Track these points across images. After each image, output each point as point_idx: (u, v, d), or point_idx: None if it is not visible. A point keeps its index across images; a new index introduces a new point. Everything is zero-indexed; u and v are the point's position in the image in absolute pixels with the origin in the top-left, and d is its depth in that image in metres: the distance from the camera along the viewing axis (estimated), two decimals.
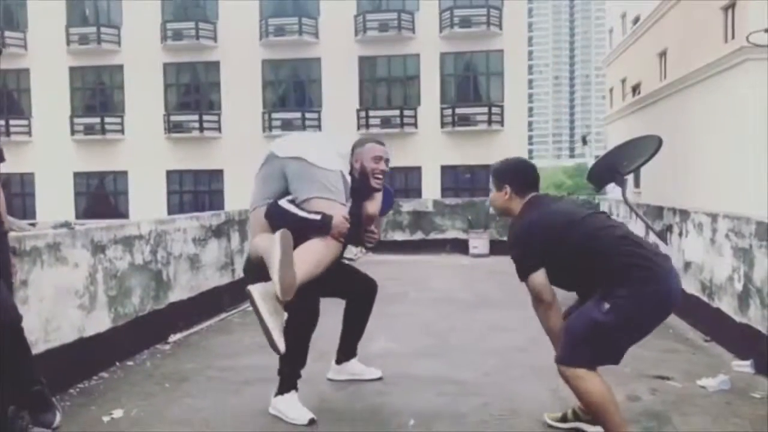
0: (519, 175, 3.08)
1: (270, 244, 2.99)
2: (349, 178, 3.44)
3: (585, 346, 2.77)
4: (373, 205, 3.62)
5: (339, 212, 3.22)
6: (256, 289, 2.93)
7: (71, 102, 23.46)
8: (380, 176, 3.61)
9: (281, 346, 2.95)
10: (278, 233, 2.96)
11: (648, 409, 3.48)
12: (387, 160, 3.66)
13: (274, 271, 2.91)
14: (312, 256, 3.13)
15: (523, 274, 2.95)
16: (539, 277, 2.89)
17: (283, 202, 3.28)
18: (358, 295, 3.84)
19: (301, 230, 3.15)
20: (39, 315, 3.64)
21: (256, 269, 3.17)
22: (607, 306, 2.71)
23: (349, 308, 3.88)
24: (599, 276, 2.80)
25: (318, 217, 3.18)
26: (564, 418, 3.24)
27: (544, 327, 3.02)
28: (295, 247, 3.06)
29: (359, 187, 3.55)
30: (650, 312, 2.80)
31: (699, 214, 5.42)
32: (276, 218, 3.26)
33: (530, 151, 41.73)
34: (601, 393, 2.75)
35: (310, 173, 3.25)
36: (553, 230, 2.86)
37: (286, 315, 3.01)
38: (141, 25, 22.65)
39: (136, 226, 4.80)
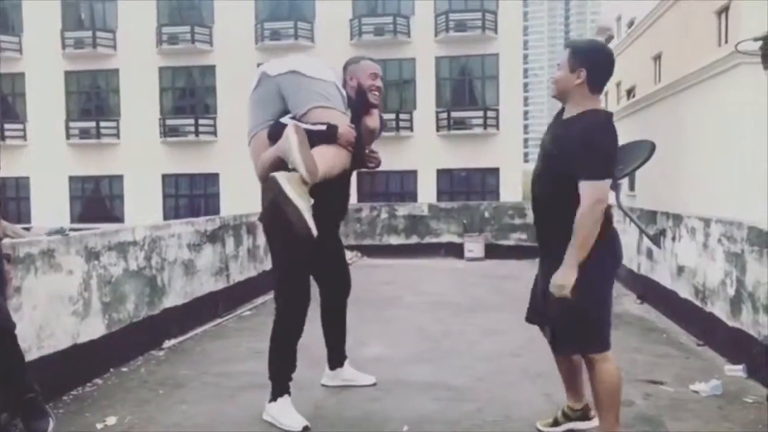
0: (603, 65, 2.78)
1: (282, 141, 2.94)
2: (344, 91, 3.41)
3: (601, 324, 2.84)
4: (372, 120, 3.55)
5: (343, 121, 3.19)
6: (281, 175, 2.88)
7: (66, 106, 23.39)
8: (376, 92, 3.56)
9: (313, 227, 2.88)
10: (289, 127, 2.92)
11: (641, 414, 3.49)
12: (381, 77, 3.63)
13: (295, 156, 2.85)
14: (329, 156, 3.08)
15: (604, 173, 2.70)
16: (606, 187, 2.73)
17: (285, 120, 3.23)
18: (333, 286, 3.80)
19: (309, 143, 3.08)
20: (32, 322, 3.64)
21: (271, 207, 3.03)
22: (599, 279, 2.79)
23: (324, 309, 3.85)
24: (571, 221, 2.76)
25: (323, 127, 3.13)
26: (556, 423, 3.25)
27: (587, 233, 2.69)
28: None
29: (355, 105, 3.50)
30: (617, 266, 2.96)
31: (692, 219, 5.45)
32: (279, 137, 3.12)
33: (526, 155, 41.71)
34: (619, 376, 2.86)
35: (306, 84, 3.22)
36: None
37: (312, 200, 2.92)
38: (136, 28, 22.62)
39: (130, 231, 4.80)
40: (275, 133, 3.21)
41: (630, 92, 25.88)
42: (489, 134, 21.54)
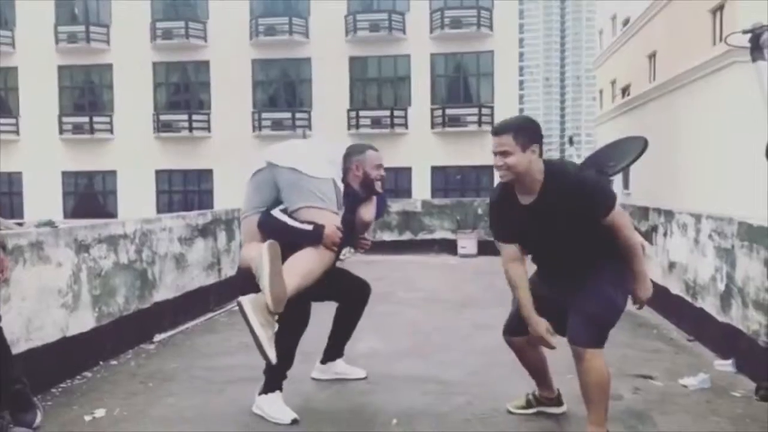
0: (540, 134, 2.87)
1: (258, 256, 2.96)
2: (341, 185, 3.43)
3: (607, 329, 2.95)
4: (368, 212, 3.64)
5: (331, 222, 3.20)
6: (247, 301, 2.91)
7: (60, 101, 23.31)
8: (380, 182, 3.64)
9: (272, 357, 2.94)
10: (265, 244, 2.94)
11: (630, 408, 3.50)
12: (384, 167, 3.71)
13: (264, 284, 2.89)
14: (303, 267, 3.11)
15: (611, 209, 2.80)
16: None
17: (276, 212, 3.27)
18: (352, 299, 3.85)
19: (293, 240, 3.15)
20: (21, 314, 3.62)
21: (249, 276, 3.13)
22: (620, 290, 2.92)
23: (341, 310, 3.89)
24: (595, 253, 2.89)
25: (310, 227, 3.16)
26: (528, 404, 3.38)
27: (632, 242, 2.88)
28: (288, 256, 3.06)
29: (353, 193, 3.56)
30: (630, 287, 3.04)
31: (683, 215, 5.46)
32: (268, 228, 3.26)
33: None
34: (608, 372, 2.91)
35: (302, 182, 3.24)
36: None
37: (277, 326, 3.00)
38: (130, 23, 22.54)
39: (120, 225, 4.79)
40: (264, 224, 3.29)
41: (625, 90, 25.95)
42: (484, 131, 21.51)
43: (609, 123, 27.17)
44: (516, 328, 3.21)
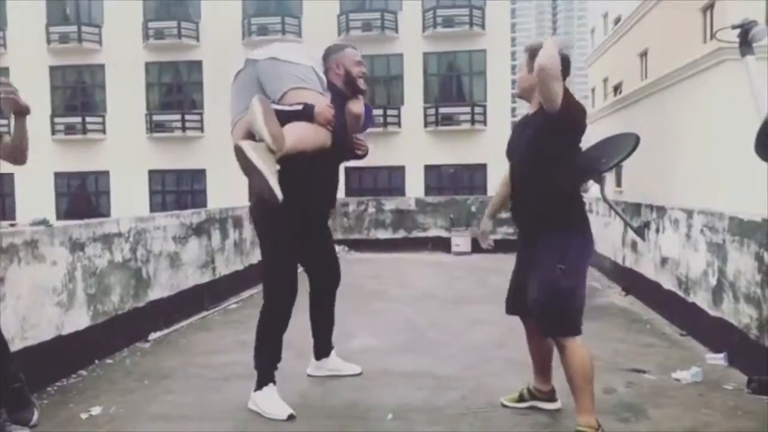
0: (566, 63, 2.98)
1: (248, 113, 2.98)
2: (323, 76, 3.44)
3: (570, 312, 2.95)
4: (356, 105, 3.58)
5: (320, 100, 3.20)
6: (246, 143, 2.92)
7: (51, 101, 23.18)
8: (362, 78, 3.60)
9: (278, 192, 2.91)
10: (254, 98, 2.95)
11: (623, 401, 3.53)
12: (364, 65, 3.68)
13: (260, 124, 2.89)
14: (299, 129, 3.09)
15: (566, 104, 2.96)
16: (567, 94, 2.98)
17: None
18: (322, 276, 3.83)
19: (286, 123, 3.09)
20: (16, 312, 3.62)
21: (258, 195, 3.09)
22: (562, 268, 2.92)
23: (313, 300, 3.88)
24: (561, 206, 3.02)
25: (300, 107, 3.15)
26: (521, 398, 3.41)
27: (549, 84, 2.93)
28: None
29: (338, 92, 3.52)
30: (589, 255, 3.13)
31: (675, 210, 5.50)
32: None
33: None
34: (591, 361, 2.93)
35: (283, 68, 3.26)
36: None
37: (278, 167, 2.94)
38: (122, 23, 22.44)
39: (115, 223, 4.79)
40: None
41: (617, 89, 26.05)
42: (476, 130, 21.60)
43: (601, 121, 27.26)
44: (515, 307, 3.28)
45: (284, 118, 3.09)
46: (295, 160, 3.07)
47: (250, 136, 3.09)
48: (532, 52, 3.03)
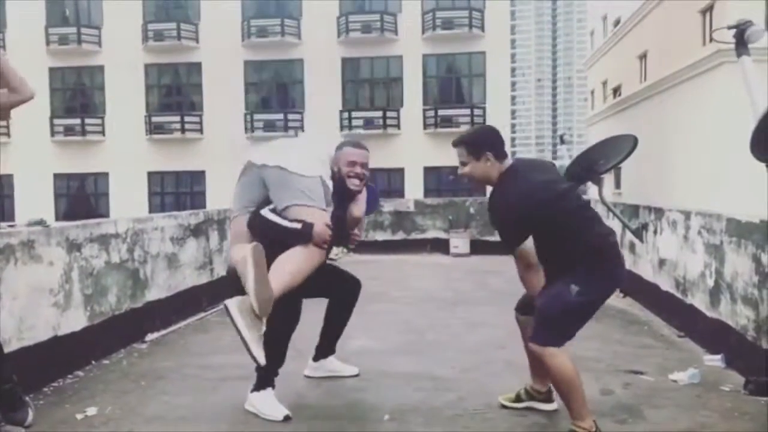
0: (498, 140, 3.05)
1: (242, 260, 2.95)
2: (330, 183, 3.43)
3: (559, 327, 2.93)
4: (357, 209, 3.64)
5: (320, 219, 3.19)
6: (233, 303, 2.90)
7: (51, 103, 23.19)
8: (355, 179, 3.59)
9: (261, 359, 2.93)
10: (249, 248, 2.92)
11: (620, 403, 3.52)
12: (363, 164, 3.63)
13: (249, 288, 2.88)
14: (293, 266, 3.11)
15: (514, 244, 2.94)
16: (528, 244, 2.93)
17: (265, 212, 3.27)
18: (342, 295, 3.86)
19: (283, 239, 3.15)
20: (12, 313, 3.61)
21: (237, 278, 3.12)
22: (576, 289, 2.86)
23: (331, 307, 3.90)
24: (566, 252, 2.93)
25: (299, 225, 3.16)
26: (518, 398, 3.41)
27: (529, 289, 3.09)
28: (278, 254, 3.07)
29: (341, 190, 3.55)
30: (606, 292, 3.03)
31: (673, 212, 5.50)
32: (258, 228, 3.26)
33: (513, 153, 41.88)
34: (572, 368, 2.89)
35: (289, 181, 3.23)
36: (539, 203, 2.91)
37: (264, 328, 2.99)
38: (122, 25, 22.47)
39: (112, 224, 4.78)
40: (254, 224, 3.29)
41: (616, 91, 26.07)
42: None
43: (600, 123, 27.29)
44: (524, 307, 3.28)
45: (281, 233, 3.15)
46: None
47: (246, 233, 3.25)
48: (468, 142, 3.07)
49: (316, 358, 4.00)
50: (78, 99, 23.87)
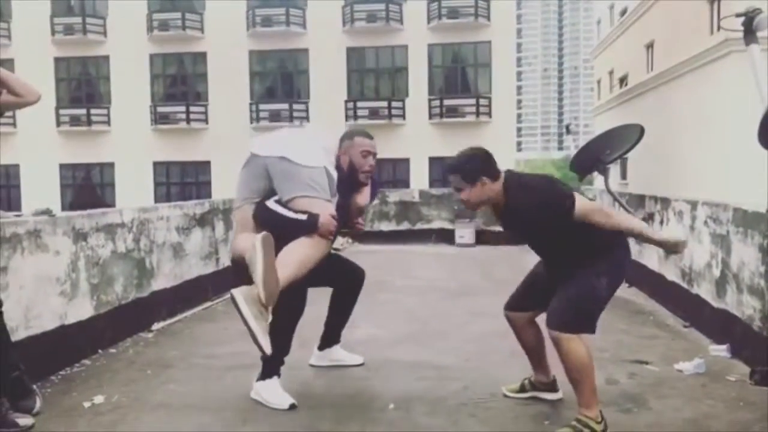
0: (488, 161, 3.03)
1: (251, 249, 2.94)
2: (334, 173, 3.41)
3: (588, 316, 2.97)
4: (362, 198, 3.64)
5: (325, 210, 3.19)
6: (240, 293, 2.89)
7: (56, 93, 23.23)
8: (368, 172, 3.60)
9: (267, 348, 2.93)
10: (259, 237, 2.91)
11: (625, 392, 3.53)
12: (375, 155, 3.64)
13: (257, 278, 2.87)
14: (298, 257, 3.10)
15: (572, 209, 2.86)
16: (583, 199, 2.90)
17: (270, 203, 3.26)
18: (346, 284, 3.87)
19: (289, 230, 3.15)
20: (19, 302, 3.63)
21: (242, 267, 3.12)
22: (605, 281, 2.94)
23: (335, 296, 3.91)
24: (584, 247, 2.96)
25: (304, 217, 3.15)
26: (522, 389, 3.42)
27: (623, 227, 2.96)
28: (283, 245, 3.07)
29: (346, 179, 3.54)
30: (622, 279, 3.12)
31: (679, 202, 5.48)
32: (263, 219, 3.26)
33: (519, 143, 41.87)
34: (587, 355, 2.92)
35: (293, 172, 3.22)
36: (561, 191, 2.93)
37: (271, 317, 2.98)
38: (127, 15, 22.46)
39: (118, 213, 4.80)
40: (259, 215, 3.30)
41: (622, 81, 25.93)
42: (481, 122, 21.56)
43: (607, 113, 27.16)
44: (518, 304, 3.32)
45: (287, 224, 3.14)
46: None
47: (250, 223, 3.26)
48: (462, 169, 3.01)
49: (321, 347, 4.02)
50: (83, 89, 23.90)
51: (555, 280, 3.08)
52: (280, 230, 3.08)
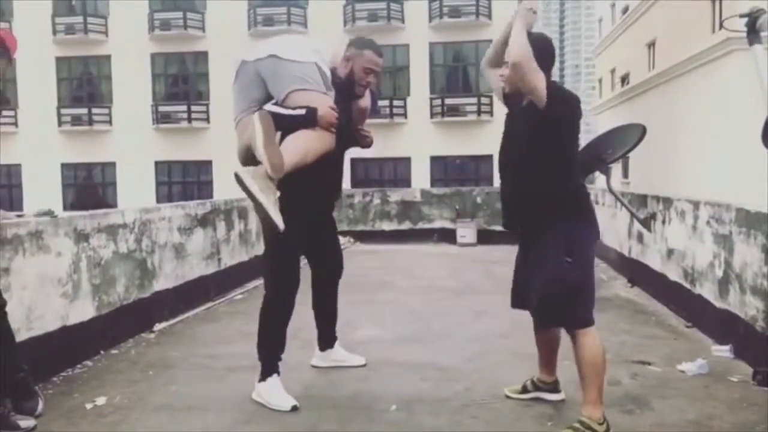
0: (550, 51, 3.03)
1: (251, 129, 2.92)
2: (327, 70, 3.37)
3: (576, 301, 2.94)
4: (363, 99, 3.57)
5: (323, 102, 3.15)
6: (244, 171, 2.87)
7: (58, 92, 23.23)
8: (364, 87, 3.54)
9: (279, 222, 2.88)
10: (256, 115, 2.90)
11: (628, 393, 3.52)
12: (378, 74, 3.60)
13: (260, 152, 2.85)
14: (303, 144, 3.06)
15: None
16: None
17: (268, 107, 3.19)
18: (325, 266, 3.82)
19: (291, 129, 3.09)
20: (21, 303, 3.63)
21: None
22: (568, 260, 2.90)
23: (315, 291, 3.86)
24: (554, 193, 2.95)
25: (303, 111, 3.10)
26: (524, 390, 3.41)
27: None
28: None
29: (343, 85, 3.47)
30: (594, 238, 3.11)
31: (681, 202, 5.47)
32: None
33: None
34: (602, 352, 2.94)
35: (284, 68, 3.18)
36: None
37: (278, 193, 2.91)
38: (128, 14, 22.44)
39: (120, 214, 4.79)
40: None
41: (624, 79, 25.89)
42: (483, 121, 21.52)
43: (608, 112, 27.12)
44: (514, 302, 3.29)
45: (287, 122, 3.07)
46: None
47: (248, 149, 3.09)
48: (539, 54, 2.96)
49: (321, 348, 4.00)
50: (85, 89, 23.88)
51: (527, 261, 3.12)
52: (281, 129, 3.02)
